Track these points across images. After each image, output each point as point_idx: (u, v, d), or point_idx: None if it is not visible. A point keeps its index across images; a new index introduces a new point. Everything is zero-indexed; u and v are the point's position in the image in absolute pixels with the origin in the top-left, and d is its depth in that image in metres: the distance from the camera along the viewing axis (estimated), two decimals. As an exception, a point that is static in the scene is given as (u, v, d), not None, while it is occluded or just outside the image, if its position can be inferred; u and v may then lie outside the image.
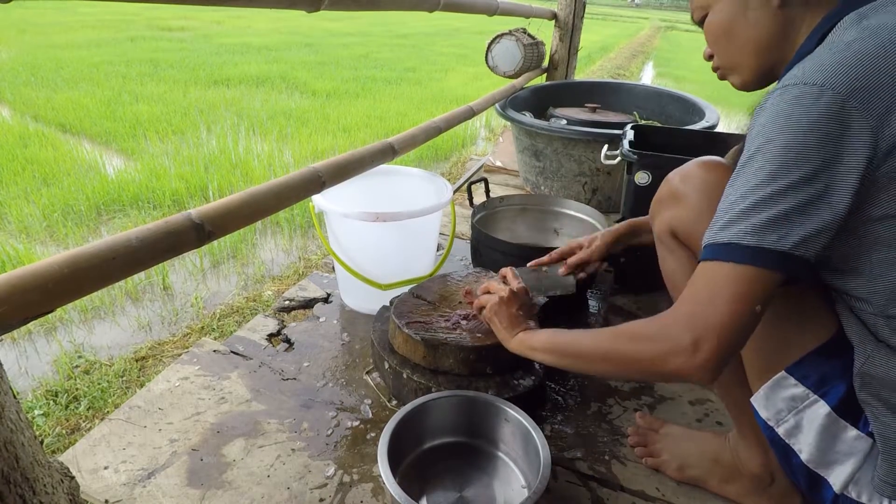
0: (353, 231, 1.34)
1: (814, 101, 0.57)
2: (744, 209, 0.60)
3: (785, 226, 0.58)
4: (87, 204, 2.31)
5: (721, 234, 0.61)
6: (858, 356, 0.65)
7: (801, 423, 0.69)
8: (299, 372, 1.20)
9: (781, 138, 0.58)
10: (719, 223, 0.62)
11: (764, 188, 0.59)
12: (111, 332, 1.56)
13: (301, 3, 1.00)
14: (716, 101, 5.38)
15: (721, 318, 0.60)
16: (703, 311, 0.61)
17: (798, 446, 0.70)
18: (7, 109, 3.82)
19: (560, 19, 2.91)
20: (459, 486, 0.91)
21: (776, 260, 0.58)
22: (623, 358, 0.69)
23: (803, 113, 0.57)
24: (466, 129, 3.97)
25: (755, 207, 0.59)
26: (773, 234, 0.58)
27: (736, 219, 0.60)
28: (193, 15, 11.71)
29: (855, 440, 0.66)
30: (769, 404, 0.72)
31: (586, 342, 0.75)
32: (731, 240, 0.60)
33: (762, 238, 0.58)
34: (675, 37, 17.65)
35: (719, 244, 0.61)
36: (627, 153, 1.42)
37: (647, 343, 0.65)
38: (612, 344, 0.71)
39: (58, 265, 0.67)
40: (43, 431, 1.11)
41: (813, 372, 0.68)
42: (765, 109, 0.61)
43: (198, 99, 4.32)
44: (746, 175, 0.61)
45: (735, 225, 0.60)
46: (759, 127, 0.61)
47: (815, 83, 0.57)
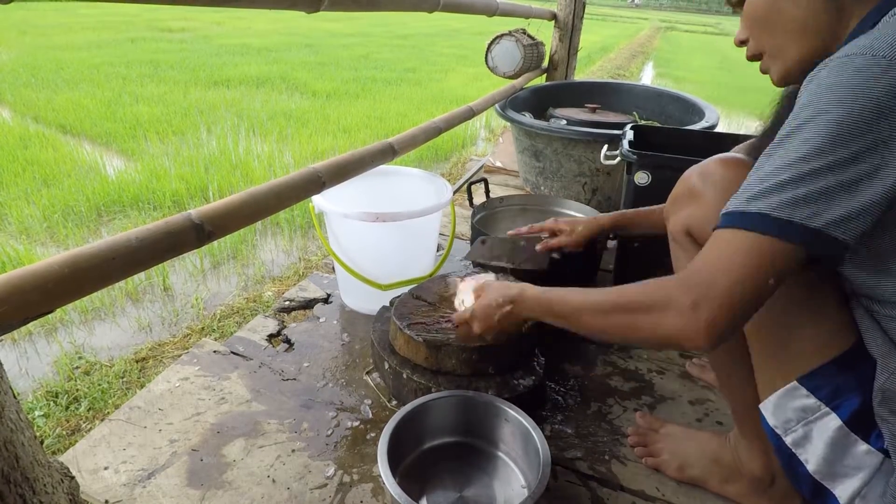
0: (353, 231, 1.34)
1: (881, 74, 0.52)
2: (780, 182, 0.55)
3: (823, 202, 0.54)
4: (87, 205, 2.31)
5: (749, 204, 0.56)
6: (882, 371, 0.62)
7: (811, 434, 0.68)
8: (299, 372, 1.20)
9: (837, 110, 0.54)
10: (748, 193, 0.57)
11: (807, 162, 0.54)
12: (111, 333, 1.56)
13: (301, 4, 1.00)
14: (715, 101, 5.39)
15: (729, 283, 0.56)
16: (710, 274, 0.57)
17: (805, 456, 0.69)
18: (7, 110, 3.82)
19: (560, 20, 2.91)
20: (459, 486, 0.91)
21: (805, 235, 0.54)
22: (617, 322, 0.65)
23: (865, 85, 0.53)
24: (466, 129, 3.97)
25: (794, 181, 0.55)
26: (808, 210, 0.54)
27: (769, 190, 0.56)
28: (193, 16, 11.72)
29: (865, 455, 0.65)
30: (778, 412, 0.71)
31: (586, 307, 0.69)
32: (761, 209, 0.55)
33: (794, 212, 0.54)
34: (674, 37, 17.66)
35: (744, 212, 0.57)
36: (627, 153, 1.42)
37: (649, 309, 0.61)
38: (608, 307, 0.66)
39: (58, 265, 0.67)
40: (43, 432, 1.11)
41: (826, 384, 0.67)
42: (820, 77, 0.56)
43: (198, 100, 4.33)
44: (790, 146, 0.56)
45: (767, 197, 0.55)
46: (812, 95, 0.56)
47: (884, 55, 0.53)
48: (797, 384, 0.68)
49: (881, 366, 0.63)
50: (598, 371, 1.26)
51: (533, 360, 1.12)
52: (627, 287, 0.66)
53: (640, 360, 1.31)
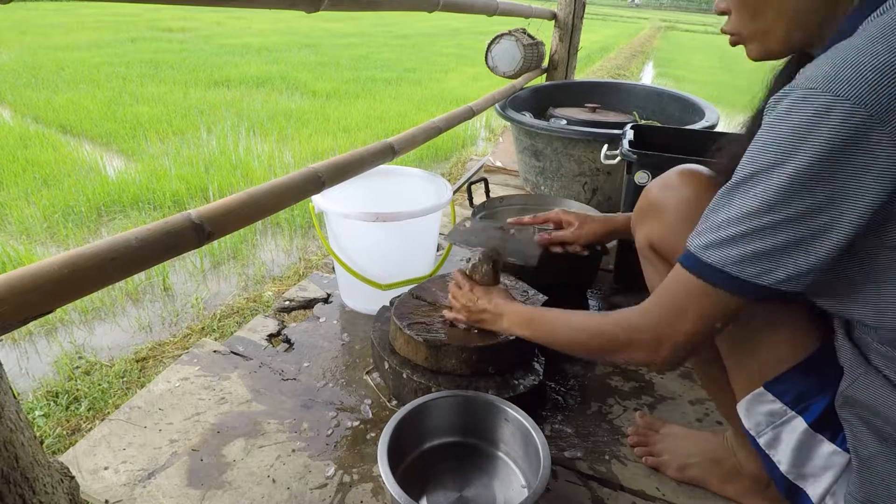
0: (353, 231, 1.34)
1: (840, 121, 0.49)
2: (735, 234, 0.57)
3: (773, 260, 0.55)
4: (87, 205, 2.31)
5: (707, 252, 0.59)
6: (847, 378, 0.64)
7: (780, 436, 0.69)
8: (299, 372, 1.20)
9: (792, 162, 0.52)
10: (707, 238, 0.60)
11: (760, 217, 0.55)
12: (111, 333, 1.56)
13: (301, 4, 1.00)
14: (716, 100, 5.39)
15: (685, 329, 0.64)
16: (669, 317, 0.65)
17: (777, 458, 0.70)
18: (8, 111, 3.82)
19: (560, 19, 2.91)
20: (459, 486, 0.91)
21: (755, 291, 0.58)
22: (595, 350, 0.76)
23: (823, 134, 0.50)
24: (466, 129, 3.97)
25: (746, 236, 0.56)
26: (758, 268, 0.56)
27: (724, 242, 0.58)
28: (193, 16, 11.72)
29: (832, 455, 0.66)
30: (749, 416, 0.72)
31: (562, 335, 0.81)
32: (715, 263, 0.58)
33: (744, 269, 0.57)
34: (675, 37, 17.66)
35: (702, 262, 0.60)
36: (627, 153, 1.42)
37: (618, 339, 0.71)
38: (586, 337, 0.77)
39: (58, 266, 0.67)
40: (43, 432, 1.11)
41: (791, 389, 0.68)
42: (780, 112, 0.54)
43: (198, 100, 4.33)
44: (746, 194, 0.56)
45: (722, 248, 0.58)
46: (771, 137, 0.54)
47: (847, 97, 0.49)
48: (763, 390, 0.70)
49: (847, 373, 0.64)
50: (598, 371, 1.26)
51: (533, 360, 1.12)
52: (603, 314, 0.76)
53: (641, 360, 1.30)
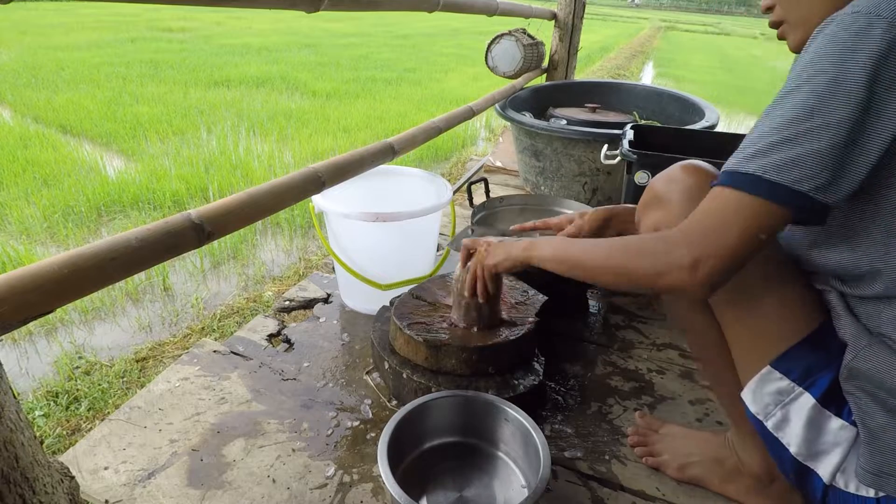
0: (353, 231, 1.34)
1: (879, 36, 0.54)
2: (773, 142, 0.58)
3: (813, 165, 0.56)
4: (87, 205, 2.31)
5: (745, 164, 0.60)
6: (850, 350, 0.65)
7: (789, 415, 0.70)
8: (299, 372, 1.20)
9: (832, 71, 0.56)
10: (745, 152, 0.61)
11: (801, 123, 0.57)
12: (111, 333, 1.56)
13: (301, 4, 1.00)
14: (716, 100, 5.39)
15: (726, 244, 0.60)
16: (710, 235, 0.61)
17: (786, 440, 0.70)
18: (8, 111, 3.82)
19: (560, 19, 2.91)
20: (459, 486, 0.91)
21: (792, 198, 0.58)
22: (625, 271, 0.69)
23: (863, 46, 0.54)
24: (466, 129, 3.97)
25: (786, 143, 0.58)
26: (798, 173, 0.57)
27: (764, 150, 0.59)
28: (193, 16, 11.72)
29: (840, 430, 0.67)
30: (757, 399, 0.73)
31: (591, 255, 0.74)
32: (755, 171, 0.59)
33: (785, 174, 0.57)
34: (675, 37, 17.66)
35: (740, 173, 0.60)
36: (627, 153, 1.42)
37: (650, 258, 0.66)
38: (618, 257, 0.70)
39: (58, 266, 0.67)
40: (43, 432, 1.11)
41: (797, 365, 0.69)
42: (825, 34, 0.58)
43: (198, 100, 4.33)
44: (786, 106, 0.59)
45: (762, 157, 0.59)
46: (813, 54, 0.58)
47: (885, 16, 0.54)
48: (770, 368, 0.71)
49: (851, 345, 0.66)
50: (598, 371, 1.26)
51: (533, 359, 1.12)
52: (633, 238, 0.71)
53: (641, 361, 1.31)
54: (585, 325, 1.44)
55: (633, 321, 1.46)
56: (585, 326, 1.43)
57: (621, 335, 1.40)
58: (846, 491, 0.67)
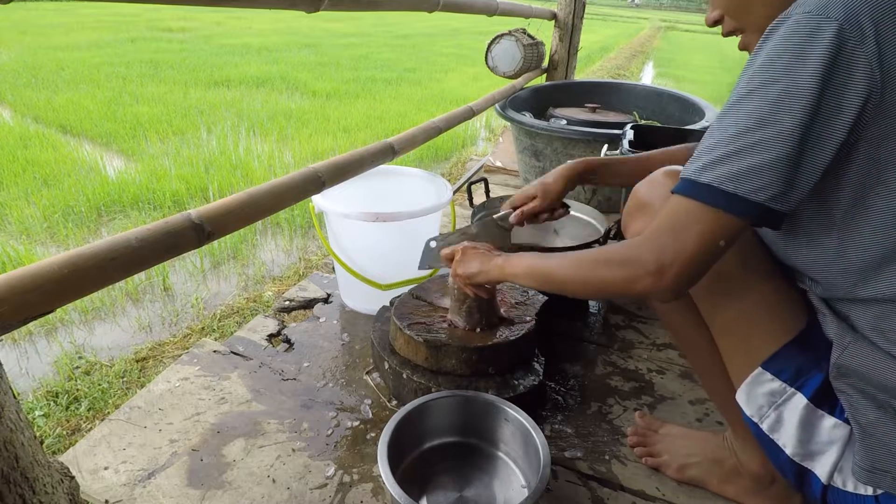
0: (353, 231, 1.34)
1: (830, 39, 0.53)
2: (728, 152, 0.59)
3: (766, 175, 0.57)
4: (87, 205, 2.31)
5: (702, 174, 0.60)
6: (836, 348, 0.66)
7: (782, 416, 0.70)
8: (299, 372, 1.20)
9: (782, 80, 0.56)
10: (702, 161, 0.61)
11: (753, 133, 0.57)
12: (111, 333, 1.56)
13: (301, 4, 1.00)
14: (716, 100, 5.38)
15: (687, 249, 0.62)
16: (671, 242, 0.63)
17: (782, 441, 0.70)
18: (8, 111, 3.82)
19: (560, 19, 2.91)
20: (459, 486, 0.91)
21: (749, 209, 0.58)
22: (597, 281, 0.71)
23: (814, 53, 0.54)
24: (466, 129, 3.97)
25: (739, 152, 0.58)
26: (753, 183, 0.58)
27: (719, 160, 0.59)
28: (193, 16, 11.72)
29: (833, 428, 0.67)
30: (750, 401, 0.73)
31: (563, 268, 0.76)
32: (711, 182, 0.60)
33: (740, 185, 0.58)
34: (675, 37, 17.66)
35: (697, 183, 0.61)
36: (627, 153, 1.42)
37: (619, 268, 0.68)
38: (587, 268, 0.72)
39: (58, 266, 0.67)
40: (43, 432, 1.11)
41: (788, 365, 0.69)
42: (775, 38, 0.58)
43: (198, 100, 4.33)
44: (739, 114, 0.59)
45: (717, 167, 0.59)
46: (763, 58, 0.58)
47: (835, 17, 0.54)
48: (761, 370, 0.71)
49: (836, 343, 0.66)
50: (598, 371, 1.26)
51: (533, 360, 1.12)
52: (604, 248, 0.73)
53: (640, 360, 1.31)
54: (585, 325, 1.44)
55: (633, 321, 1.46)
56: (585, 326, 1.43)
57: (621, 335, 1.40)
58: (845, 490, 0.67)
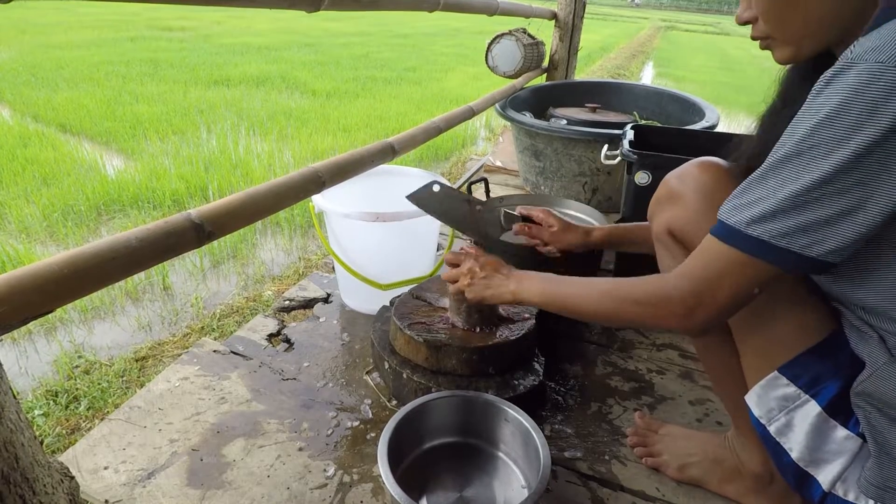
0: (353, 231, 1.34)
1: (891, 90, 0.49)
2: (784, 207, 0.55)
3: (822, 231, 0.54)
4: (87, 204, 2.31)
5: (751, 227, 0.57)
6: (868, 368, 0.64)
7: (793, 422, 0.69)
8: (299, 372, 1.20)
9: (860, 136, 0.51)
10: (752, 211, 0.58)
11: (814, 191, 0.54)
12: (111, 333, 1.56)
13: (301, 3, 1.00)
14: (716, 100, 5.39)
15: (722, 297, 0.61)
16: (705, 291, 0.62)
17: (788, 445, 0.70)
18: (7, 109, 3.82)
19: (560, 19, 2.91)
20: (459, 486, 0.91)
21: (799, 262, 0.56)
22: (621, 318, 0.71)
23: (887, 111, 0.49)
24: (466, 129, 3.97)
25: (797, 208, 0.55)
26: (806, 239, 0.55)
27: (771, 214, 0.56)
28: (193, 15, 11.71)
29: (845, 440, 0.66)
30: (761, 403, 0.72)
31: (584, 300, 0.75)
32: (761, 236, 0.57)
33: (793, 241, 0.55)
34: (675, 37, 17.66)
35: (745, 235, 0.58)
36: (627, 153, 1.42)
37: (645, 307, 0.68)
38: (611, 305, 0.72)
39: (58, 265, 0.67)
40: (43, 431, 1.11)
41: (805, 372, 0.68)
42: (844, 89, 0.52)
43: (198, 99, 4.32)
44: (799, 167, 0.55)
45: (769, 221, 0.56)
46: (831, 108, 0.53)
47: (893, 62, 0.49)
48: (778, 374, 0.70)
49: (868, 363, 0.64)
50: (598, 371, 1.26)
51: (533, 360, 1.12)
52: (629, 282, 0.71)
53: (640, 361, 1.31)
54: (585, 325, 1.44)
55: (633, 321, 1.46)
56: (585, 326, 1.43)
57: (621, 335, 1.40)
58: (845, 499, 0.66)
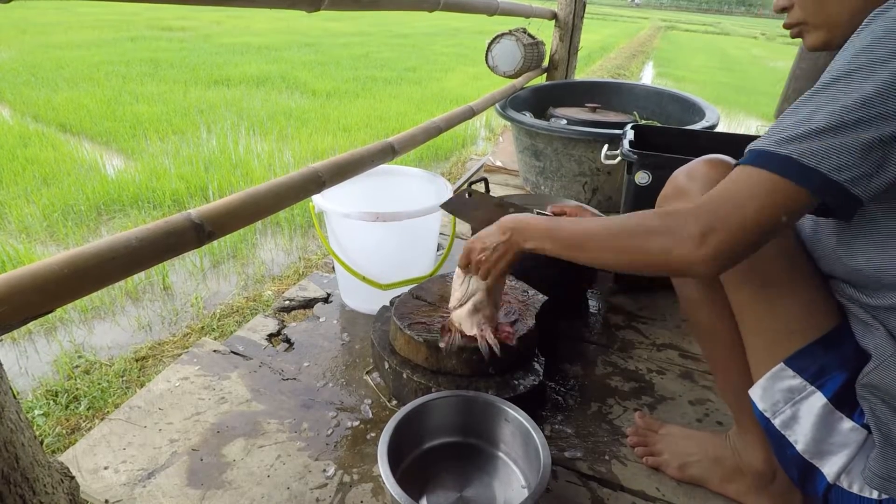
0: (353, 231, 1.34)
1: None
2: (818, 128, 0.54)
3: (854, 156, 0.53)
4: (87, 204, 2.31)
5: (779, 146, 0.56)
6: (873, 360, 0.64)
7: (798, 413, 0.69)
8: (299, 372, 1.20)
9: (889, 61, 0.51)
10: (781, 133, 0.57)
11: (852, 112, 0.53)
12: (111, 332, 1.56)
13: (301, 3, 1.00)
14: (716, 100, 5.39)
15: (741, 217, 0.57)
16: (724, 206, 0.58)
17: (794, 437, 0.70)
18: (7, 109, 3.82)
19: (560, 19, 2.91)
20: (459, 486, 0.91)
21: (826, 186, 0.54)
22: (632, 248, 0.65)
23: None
24: (466, 129, 3.97)
25: (832, 129, 0.53)
26: (837, 161, 0.53)
27: (804, 135, 0.55)
28: (193, 15, 11.71)
29: (850, 431, 0.66)
30: (766, 395, 0.72)
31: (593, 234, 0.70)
32: (790, 153, 0.55)
33: (823, 161, 0.54)
34: (675, 37, 17.66)
35: (772, 153, 0.56)
36: (627, 153, 1.42)
37: (659, 234, 0.62)
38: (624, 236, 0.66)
39: (58, 265, 0.67)
40: (43, 431, 1.11)
41: (811, 364, 0.69)
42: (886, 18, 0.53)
43: (198, 99, 4.32)
44: (837, 89, 0.54)
45: (800, 141, 0.55)
46: (871, 38, 0.53)
47: None
48: (783, 366, 0.70)
49: (874, 355, 0.64)
50: (598, 371, 1.26)
51: (533, 360, 1.12)
52: (636, 213, 0.66)
53: (640, 361, 1.31)
54: (585, 325, 1.44)
55: (633, 321, 1.46)
56: (585, 326, 1.43)
57: (621, 335, 1.40)
58: (849, 491, 0.67)
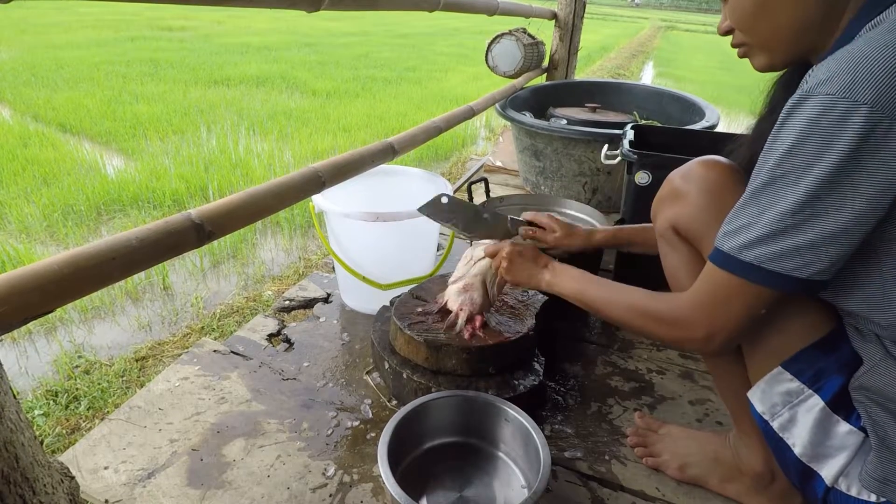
0: (353, 231, 1.34)
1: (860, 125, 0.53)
2: (767, 233, 0.60)
3: (808, 254, 0.59)
4: (87, 204, 2.31)
5: (743, 252, 0.63)
6: (865, 364, 0.65)
7: (796, 417, 0.70)
8: (299, 372, 1.20)
9: (816, 167, 0.56)
10: (741, 238, 0.63)
11: (794, 215, 0.58)
12: (111, 332, 1.56)
13: (301, 3, 1.00)
14: (716, 101, 5.39)
15: (731, 321, 0.67)
16: (717, 317, 0.68)
17: (791, 440, 0.71)
18: (7, 109, 3.82)
19: (560, 19, 2.91)
20: (459, 486, 0.91)
21: (793, 284, 0.61)
22: (644, 331, 0.77)
23: (843, 138, 0.54)
24: (466, 129, 3.97)
25: (783, 232, 0.59)
26: (795, 262, 0.60)
27: (759, 240, 0.61)
28: (194, 15, 11.71)
29: (847, 434, 0.67)
30: (765, 398, 0.73)
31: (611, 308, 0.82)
32: (753, 261, 0.62)
33: (783, 265, 0.60)
34: (675, 37, 17.66)
35: (738, 260, 0.63)
36: (627, 153, 1.42)
37: (669, 328, 0.74)
38: (637, 319, 0.78)
39: (58, 265, 0.67)
40: (43, 431, 1.11)
41: (809, 367, 0.69)
42: (802, 121, 0.57)
43: (198, 99, 4.32)
44: (776, 195, 0.60)
45: (757, 246, 0.61)
46: (794, 140, 0.58)
47: (864, 101, 0.53)
48: (781, 369, 0.71)
49: (866, 359, 0.66)
50: (598, 371, 1.26)
51: (533, 360, 1.12)
52: (655, 300, 0.76)
53: (640, 361, 1.31)
54: (585, 325, 1.44)
55: (633, 321, 1.46)
56: (585, 326, 1.43)
57: (621, 335, 1.40)
58: (848, 494, 0.67)
